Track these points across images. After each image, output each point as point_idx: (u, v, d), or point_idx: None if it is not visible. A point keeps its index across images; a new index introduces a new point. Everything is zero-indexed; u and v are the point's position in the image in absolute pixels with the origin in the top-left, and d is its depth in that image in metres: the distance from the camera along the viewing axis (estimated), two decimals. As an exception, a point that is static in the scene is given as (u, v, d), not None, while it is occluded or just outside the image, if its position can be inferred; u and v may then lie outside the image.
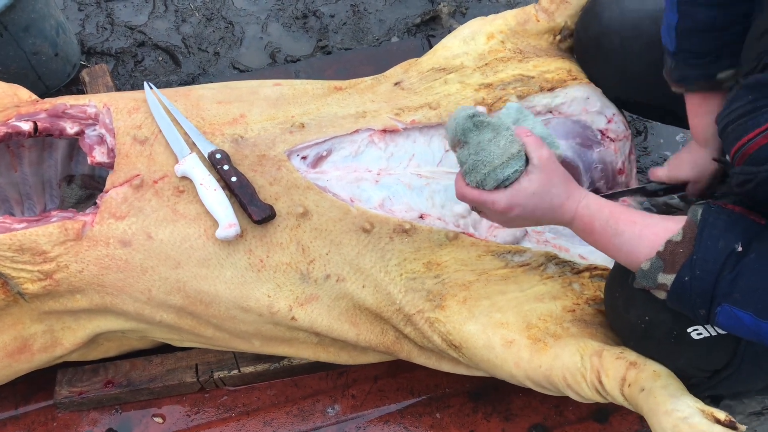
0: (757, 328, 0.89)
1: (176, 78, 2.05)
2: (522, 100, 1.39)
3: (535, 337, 1.21)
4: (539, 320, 1.24)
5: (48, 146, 1.51)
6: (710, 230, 0.93)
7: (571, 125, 1.43)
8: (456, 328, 1.25)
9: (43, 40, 1.82)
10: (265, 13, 2.17)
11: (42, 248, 1.24)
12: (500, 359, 1.22)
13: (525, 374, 1.21)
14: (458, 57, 1.43)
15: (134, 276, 1.27)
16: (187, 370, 1.44)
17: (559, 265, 1.32)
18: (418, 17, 2.15)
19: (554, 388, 1.20)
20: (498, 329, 1.23)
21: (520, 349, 1.21)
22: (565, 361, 1.17)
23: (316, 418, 1.46)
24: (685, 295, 0.94)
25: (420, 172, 1.36)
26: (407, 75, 1.45)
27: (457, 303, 1.27)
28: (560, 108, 1.41)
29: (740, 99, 0.93)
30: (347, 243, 1.28)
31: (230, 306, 1.29)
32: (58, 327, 1.34)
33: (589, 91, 1.42)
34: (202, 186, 1.26)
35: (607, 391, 1.13)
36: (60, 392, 1.43)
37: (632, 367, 1.10)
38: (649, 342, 1.11)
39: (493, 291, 1.28)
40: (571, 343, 1.19)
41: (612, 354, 1.14)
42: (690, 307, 0.95)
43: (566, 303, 1.27)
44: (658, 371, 1.09)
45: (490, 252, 1.31)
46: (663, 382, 1.07)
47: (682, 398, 1.03)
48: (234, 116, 1.36)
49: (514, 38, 1.43)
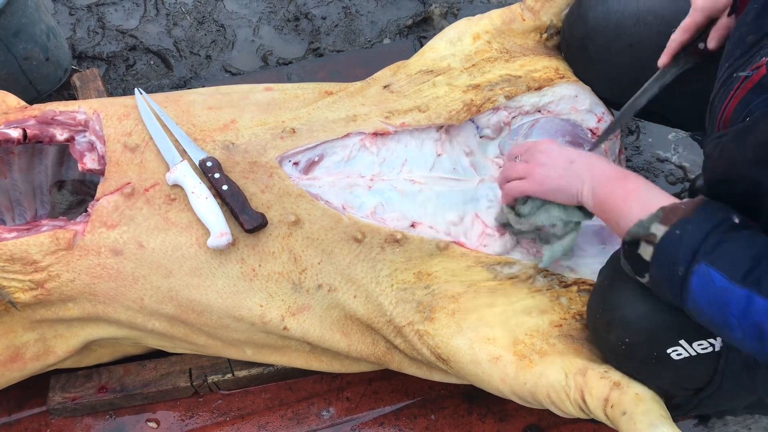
0: (723, 289, 0.89)
1: (168, 82, 2.04)
2: (509, 100, 1.39)
3: (522, 353, 1.21)
4: (526, 336, 1.24)
5: (38, 152, 1.50)
6: (715, 204, 0.95)
7: (561, 123, 1.42)
8: (444, 342, 1.25)
9: (34, 44, 1.82)
10: (257, 16, 2.16)
11: (33, 258, 1.24)
12: (486, 375, 1.23)
13: (510, 390, 1.22)
14: (445, 59, 1.43)
15: (126, 285, 1.26)
16: (181, 374, 1.44)
17: (548, 278, 1.32)
18: (409, 19, 2.15)
19: (538, 403, 1.21)
20: (485, 345, 1.23)
21: (506, 366, 1.21)
22: (550, 378, 1.17)
23: (311, 421, 1.46)
24: (671, 249, 0.94)
25: (413, 178, 1.36)
26: (396, 78, 1.44)
27: (446, 316, 1.27)
28: (548, 107, 1.41)
29: None
30: (339, 252, 1.28)
31: (222, 315, 1.29)
32: (50, 335, 1.34)
33: (577, 89, 1.41)
34: (193, 194, 1.25)
35: (591, 410, 1.13)
36: (53, 398, 1.43)
37: (616, 388, 1.10)
38: (631, 363, 1.11)
39: (482, 304, 1.28)
40: (556, 361, 1.19)
41: (596, 373, 1.14)
42: (670, 265, 0.94)
43: (553, 318, 1.27)
44: (640, 395, 1.09)
45: (480, 263, 1.31)
46: (644, 407, 1.07)
47: (661, 428, 1.03)
48: (225, 122, 1.36)
49: (500, 38, 1.43)
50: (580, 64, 1.42)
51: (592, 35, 1.34)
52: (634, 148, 1.89)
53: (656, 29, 1.26)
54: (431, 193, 1.35)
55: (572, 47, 1.42)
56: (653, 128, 1.91)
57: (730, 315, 0.89)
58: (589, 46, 1.35)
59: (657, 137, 1.91)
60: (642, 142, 1.90)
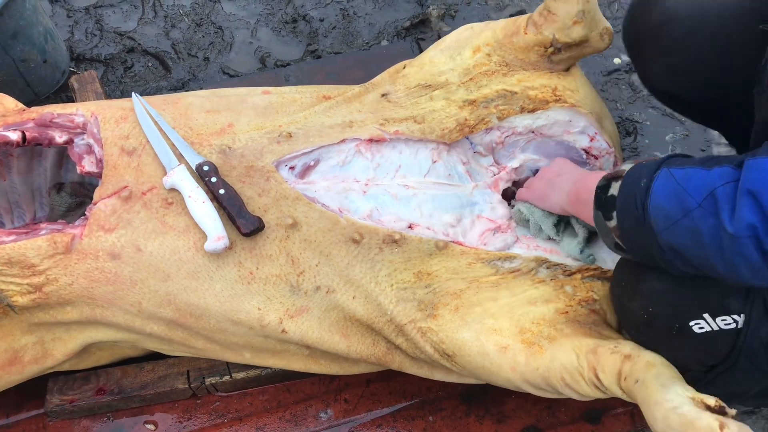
0: (682, 176, 0.93)
1: (166, 84, 2.05)
2: (502, 120, 1.38)
3: (530, 341, 1.22)
4: (532, 324, 1.24)
5: (37, 154, 1.50)
6: None
7: (554, 146, 1.43)
8: (449, 336, 1.25)
9: (32, 47, 1.82)
10: (255, 18, 2.17)
11: (31, 261, 1.24)
12: (496, 365, 1.22)
13: (522, 378, 1.22)
14: (444, 74, 1.42)
15: (124, 289, 1.27)
16: (179, 376, 1.44)
17: (551, 269, 1.33)
18: (407, 21, 2.15)
19: (552, 389, 1.21)
20: (491, 335, 1.23)
21: (516, 354, 1.21)
22: (563, 361, 1.17)
23: (309, 422, 1.46)
24: (637, 171, 1.00)
25: (407, 183, 1.36)
26: (394, 87, 1.44)
27: (449, 312, 1.27)
28: (542, 129, 1.41)
29: None
30: (337, 254, 1.28)
31: (220, 319, 1.29)
32: (48, 338, 1.34)
33: (571, 114, 1.40)
34: (190, 198, 1.25)
35: (606, 386, 1.14)
36: (51, 400, 1.42)
37: (627, 360, 1.11)
38: (652, 333, 1.12)
39: (485, 298, 1.28)
40: (566, 343, 1.19)
41: (607, 349, 1.14)
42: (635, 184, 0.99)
43: (559, 306, 1.27)
44: (651, 361, 1.09)
45: (480, 260, 1.32)
46: (656, 371, 1.07)
47: (673, 387, 1.03)
48: (222, 126, 1.36)
49: (500, 51, 1.41)
50: (650, 54, 1.35)
51: (672, 24, 1.27)
52: (632, 150, 1.90)
53: (742, 21, 1.21)
54: (425, 197, 1.35)
55: (643, 37, 1.35)
56: (650, 130, 1.92)
57: (687, 198, 0.92)
58: (665, 36, 1.29)
59: (654, 139, 1.91)
60: (639, 143, 1.91)
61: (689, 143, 1.88)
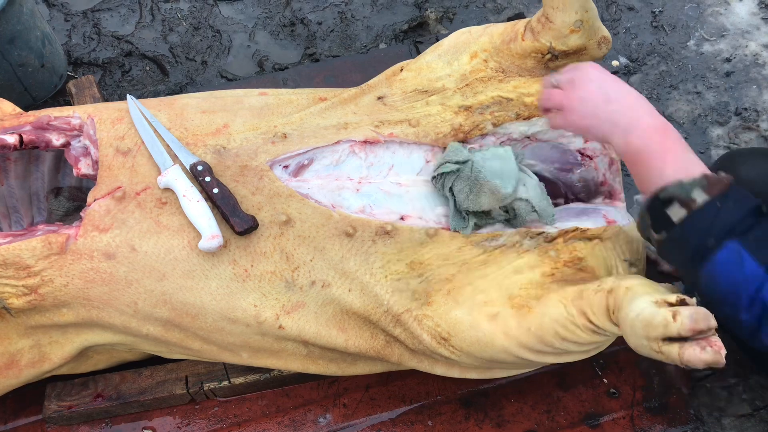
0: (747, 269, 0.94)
1: (164, 87, 2.05)
2: (498, 127, 1.38)
3: (519, 304, 1.22)
4: (521, 290, 1.25)
5: (34, 159, 1.50)
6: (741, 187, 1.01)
7: (549, 151, 1.43)
8: (443, 318, 1.25)
9: (29, 51, 1.82)
10: (253, 21, 2.17)
11: (26, 262, 1.24)
12: (489, 335, 1.22)
13: (517, 342, 1.21)
14: (441, 79, 1.42)
15: (119, 289, 1.26)
16: (177, 381, 1.44)
17: (534, 239, 1.33)
18: (405, 23, 2.15)
19: (551, 347, 1.20)
20: (482, 308, 1.24)
21: (507, 319, 1.21)
22: (552, 315, 1.17)
23: (308, 428, 1.45)
24: (708, 219, 0.98)
25: (399, 181, 1.36)
26: (391, 91, 1.43)
27: (442, 296, 1.28)
28: (537, 135, 1.41)
29: None
30: (331, 248, 1.28)
31: (217, 317, 1.28)
32: (45, 341, 1.34)
33: None
34: (184, 197, 1.25)
35: (600, 326, 1.13)
36: (49, 407, 1.42)
37: (610, 294, 1.11)
38: None
39: (475, 277, 1.29)
40: (552, 297, 1.20)
41: (591, 291, 1.14)
42: (702, 234, 0.97)
43: (545, 269, 1.29)
44: (629, 285, 1.09)
45: (470, 243, 1.32)
46: (631, 293, 1.07)
47: (641, 297, 1.04)
48: (217, 126, 1.36)
49: (497, 57, 1.41)
50: None
51: None
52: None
53: None
54: (418, 194, 1.35)
55: None
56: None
57: (743, 293, 0.94)
58: None
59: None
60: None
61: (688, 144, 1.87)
